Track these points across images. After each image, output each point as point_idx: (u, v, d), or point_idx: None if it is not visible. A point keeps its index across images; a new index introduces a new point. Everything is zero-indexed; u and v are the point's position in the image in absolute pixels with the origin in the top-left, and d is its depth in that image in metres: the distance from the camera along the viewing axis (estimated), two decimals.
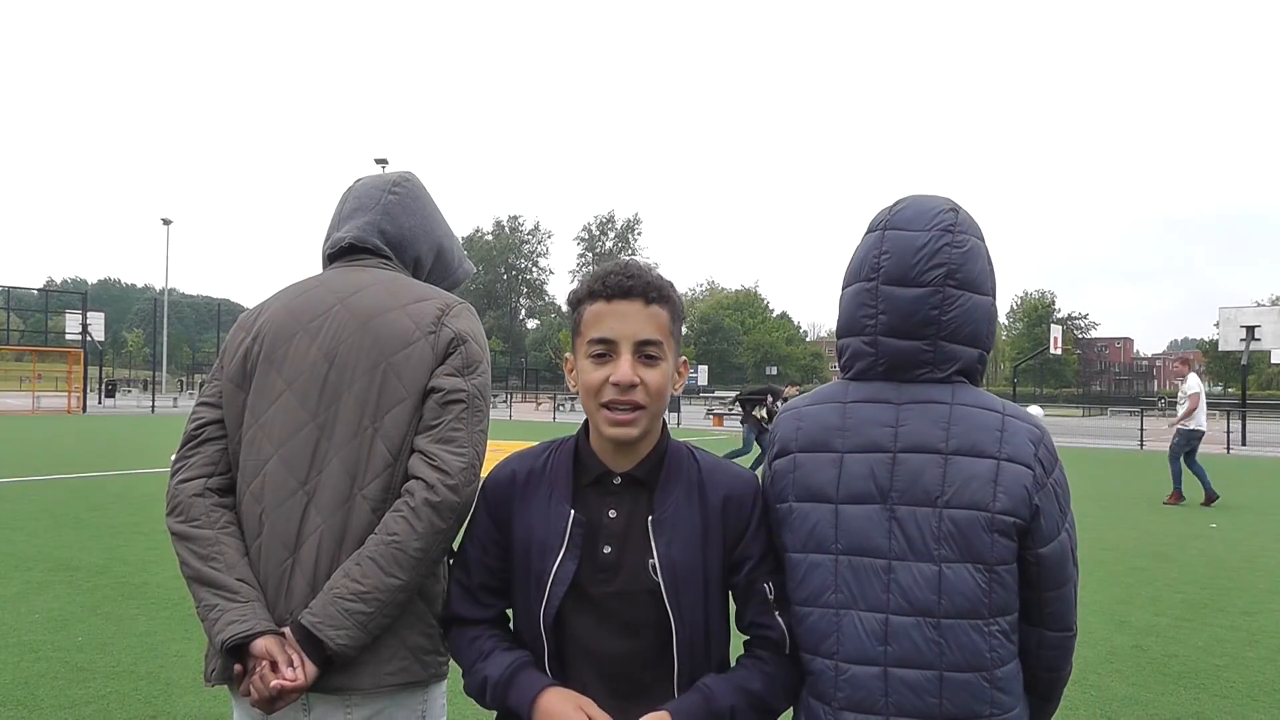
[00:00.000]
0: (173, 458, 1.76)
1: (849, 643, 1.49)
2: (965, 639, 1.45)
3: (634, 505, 1.56)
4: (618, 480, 1.56)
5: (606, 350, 1.51)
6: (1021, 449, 1.47)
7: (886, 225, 1.56)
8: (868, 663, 1.47)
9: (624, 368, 1.49)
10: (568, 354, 1.61)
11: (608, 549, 1.53)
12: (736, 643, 1.62)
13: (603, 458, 1.57)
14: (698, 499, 1.57)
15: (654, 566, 1.51)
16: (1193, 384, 12.60)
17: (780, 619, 1.57)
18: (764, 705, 1.54)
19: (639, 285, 1.52)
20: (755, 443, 14.48)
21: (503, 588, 1.63)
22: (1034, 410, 14.76)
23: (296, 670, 1.54)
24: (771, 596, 1.57)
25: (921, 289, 1.50)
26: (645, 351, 1.51)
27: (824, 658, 1.51)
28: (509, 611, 1.66)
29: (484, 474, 1.67)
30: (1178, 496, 12.38)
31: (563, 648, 1.55)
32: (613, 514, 1.55)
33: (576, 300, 1.57)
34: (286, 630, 1.59)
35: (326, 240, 1.90)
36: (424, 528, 1.59)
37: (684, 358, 1.64)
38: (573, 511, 1.53)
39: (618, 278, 1.52)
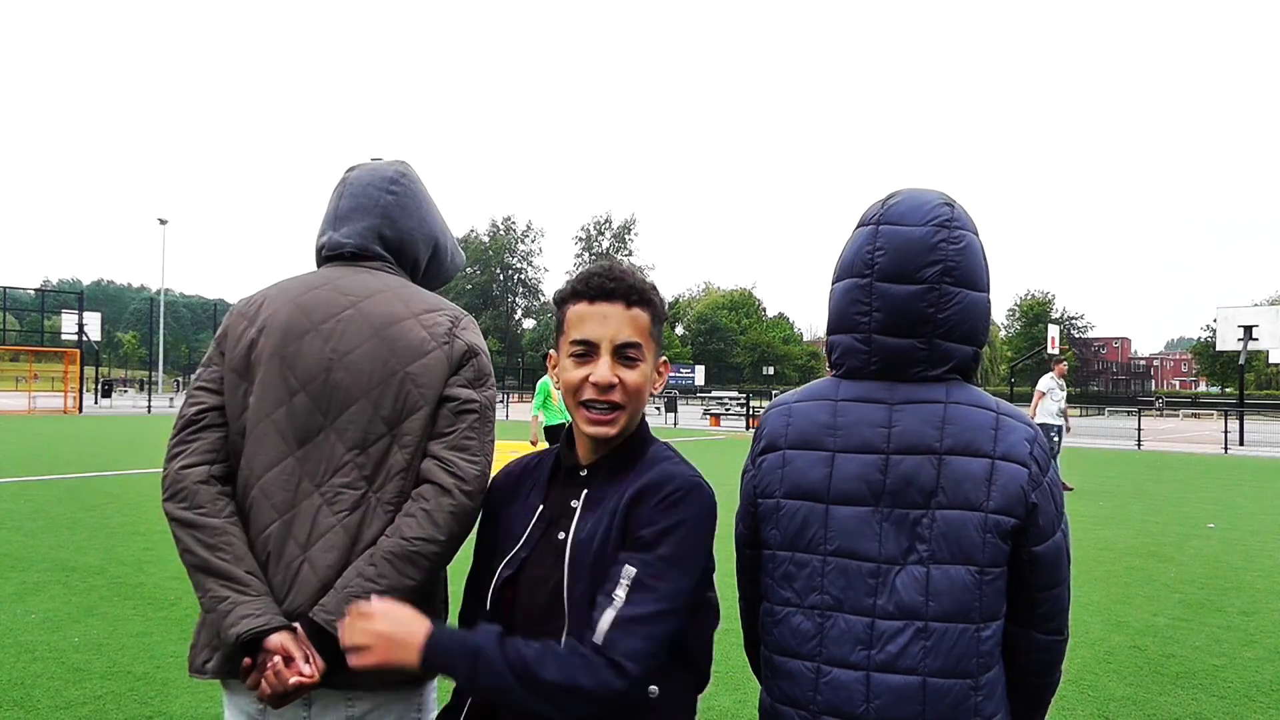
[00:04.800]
0: (170, 440, 1.73)
1: (832, 645, 1.45)
2: (952, 644, 1.41)
3: (589, 491, 1.59)
4: (584, 472, 1.60)
5: (587, 350, 1.54)
6: (1016, 447, 1.44)
7: (880, 220, 1.52)
8: (850, 667, 1.44)
9: (602, 368, 1.52)
10: (551, 351, 1.64)
11: (561, 535, 1.56)
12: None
13: (580, 452, 1.61)
14: (629, 484, 1.53)
15: (563, 539, 1.54)
16: None
17: (604, 616, 1.40)
18: (528, 673, 1.37)
19: (621, 288, 1.55)
20: None
21: None
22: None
23: (310, 666, 1.56)
24: (625, 582, 1.41)
25: (917, 286, 1.47)
26: (625, 353, 1.54)
27: (804, 660, 1.47)
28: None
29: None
30: None
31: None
32: (575, 503, 1.58)
33: (560, 299, 1.60)
34: (297, 625, 1.61)
35: (321, 235, 1.89)
36: (438, 531, 1.64)
37: (664, 358, 1.67)
38: (541, 506, 1.60)
39: (600, 279, 1.55)
